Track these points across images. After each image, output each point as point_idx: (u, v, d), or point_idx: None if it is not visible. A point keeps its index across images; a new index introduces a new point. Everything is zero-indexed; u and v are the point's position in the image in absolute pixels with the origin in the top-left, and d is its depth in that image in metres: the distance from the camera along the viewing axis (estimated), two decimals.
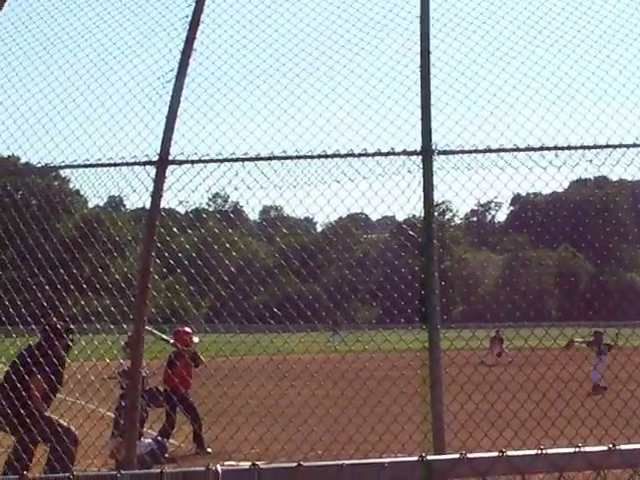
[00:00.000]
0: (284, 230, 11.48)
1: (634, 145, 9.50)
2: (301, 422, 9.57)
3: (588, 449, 3.62)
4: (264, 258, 13.48)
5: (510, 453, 3.51)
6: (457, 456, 3.45)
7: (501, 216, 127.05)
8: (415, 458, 3.40)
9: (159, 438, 13.18)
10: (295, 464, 3.30)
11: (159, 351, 10.41)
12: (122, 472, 3.11)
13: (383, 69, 9.84)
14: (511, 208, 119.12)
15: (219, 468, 3.23)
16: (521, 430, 9.19)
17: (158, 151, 9.48)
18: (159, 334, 12.29)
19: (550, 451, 3.58)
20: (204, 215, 12.75)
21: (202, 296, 11.18)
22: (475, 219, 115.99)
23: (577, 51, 9.91)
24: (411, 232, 10.18)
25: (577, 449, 3.57)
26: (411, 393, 9.32)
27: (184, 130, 9.66)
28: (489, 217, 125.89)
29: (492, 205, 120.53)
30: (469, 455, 3.45)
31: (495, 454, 3.49)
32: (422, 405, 8.82)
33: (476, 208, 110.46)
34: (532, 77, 9.76)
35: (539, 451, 3.54)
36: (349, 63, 9.95)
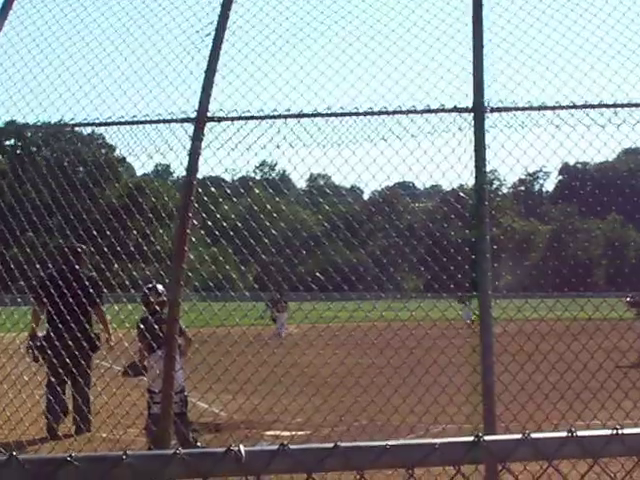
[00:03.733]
0: (331, 199, 11.05)
1: None
2: (345, 392, 9.21)
3: None
4: (312, 227, 13.16)
5: (581, 433, 3.00)
6: (519, 437, 2.95)
7: (549, 186, 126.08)
8: (470, 438, 2.91)
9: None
10: (331, 445, 2.80)
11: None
12: (128, 453, 2.65)
13: (433, 22, 9.35)
14: (559, 177, 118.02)
15: (242, 449, 2.76)
16: (576, 402, 8.76)
17: (196, 108, 9.06)
18: None
19: (628, 431, 3.07)
20: (251, 183, 12.40)
21: (247, 266, 10.91)
22: (523, 188, 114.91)
23: (638, 2, 9.39)
24: (457, 203, 9.75)
25: None
26: (460, 363, 8.91)
27: (224, 86, 9.24)
28: (537, 187, 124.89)
29: (540, 174, 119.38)
30: (533, 435, 2.95)
31: (563, 434, 2.99)
32: (472, 375, 8.42)
33: (524, 177, 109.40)
34: (591, 30, 9.22)
35: (614, 431, 3.02)
36: (397, 16, 9.47)
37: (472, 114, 8.83)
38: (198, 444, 11.64)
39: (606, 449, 3.04)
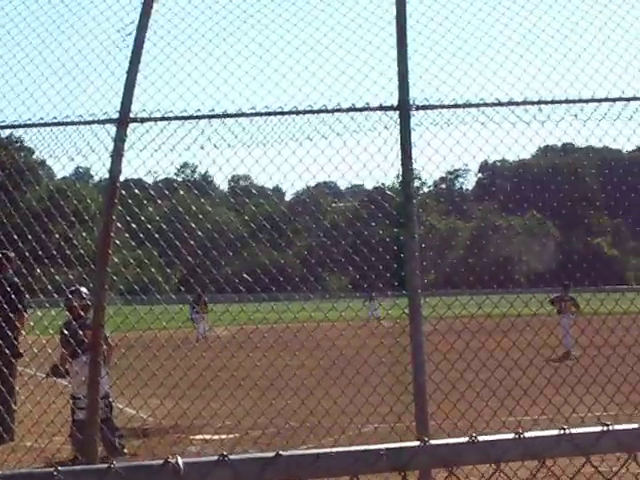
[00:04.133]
0: (256, 199, 10.95)
1: (620, 99, 9.06)
2: (275, 394, 9.10)
3: (618, 427, 3.07)
4: (237, 228, 13.05)
5: (528, 435, 2.94)
6: (465, 440, 2.88)
7: (470, 184, 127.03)
8: (416, 443, 2.83)
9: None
10: (273, 454, 2.70)
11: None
12: (60, 469, 2.52)
13: (357, 20, 9.28)
14: (479, 175, 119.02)
15: (180, 461, 2.65)
16: (507, 399, 8.77)
17: (118, 109, 8.88)
18: None
19: (576, 431, 3.02)
20: (175, 185, 12.25)
21: (173, 269, 10.77)
22: (444, 186, 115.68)
23: (560, 1, 9.44)
24: (383, 201, 9.70)
25: (605, 428, 3.02)
26: (391, 362, 8.87)
27: (146, 86, 9.07)
28: (458, 185, 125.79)
29: (461, 172, 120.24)
30: (480, 438, 2.87)
31: (510, 436, 2.92)
32: (403, 375, 8.38)
33: (444, 176, 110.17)
34: (513, 28, 9.25)
35: (561, 431, 2.97)
36: (321, 14, 9.39)
37: (398, 112, 8.79)
38: (125, 451, 11.46)
39: (556, 449, 2.99)
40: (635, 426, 3.10)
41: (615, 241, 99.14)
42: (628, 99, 8.99)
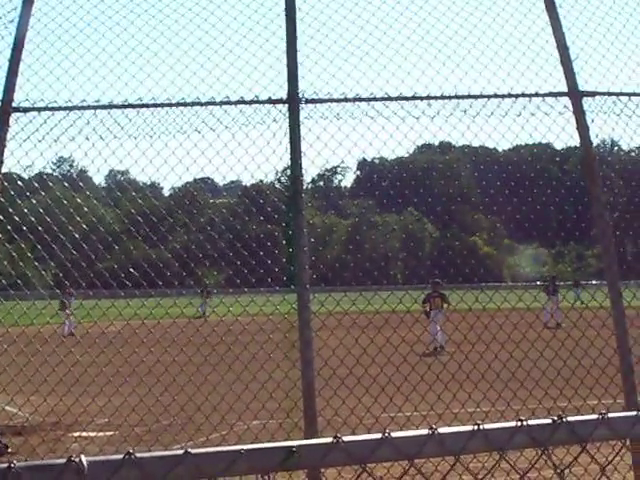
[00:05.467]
0: (134, 194, 10.74)
1: (509, 95, 9.16)
2: (161, 390, 8.94)
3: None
4: (111, 223, 12.81)
5: (395, 434, 2.90)
6: (329, 441, 2.80)
7: (347, 181, 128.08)
8: (282, 444, 2.74)
9: None
10: (182, 452, 2.59)
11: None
12: None
13: (246, 11, 9.18)
14: (357, 172, 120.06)
15: (84, 460, 2.51)
16: (397, 395, 8.78)
17: (0, 97, 8.60)
18: None
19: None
20: (49, 182, 11.92)
21: (45, 264, 10.48)
22: (322, 183, 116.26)
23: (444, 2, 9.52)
24: (273, 196, 9.63)
25: (476, 427, 3.00)
26: (279, 358, 8.79)
27: (29, 75, 8.80)
28: (336, 181, 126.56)
29: (338, 170, 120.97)
30: (345, 438, 2.80)
31: (377, 436, 2.87)
32: (292, 371, 8.32)
33: (323, 173, 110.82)
34: (404, 23, 9.28)
35: (430, 431, 2.94)
36: (209, 5, 9.26)
37: (287, 105, 8.72)
38: (9, 450, 11.18)
39: (468, 445, 2.97)
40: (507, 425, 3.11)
41: (490, 238, 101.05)
42: (516, 95, 9.10)
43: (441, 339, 26.16)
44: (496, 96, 9.08)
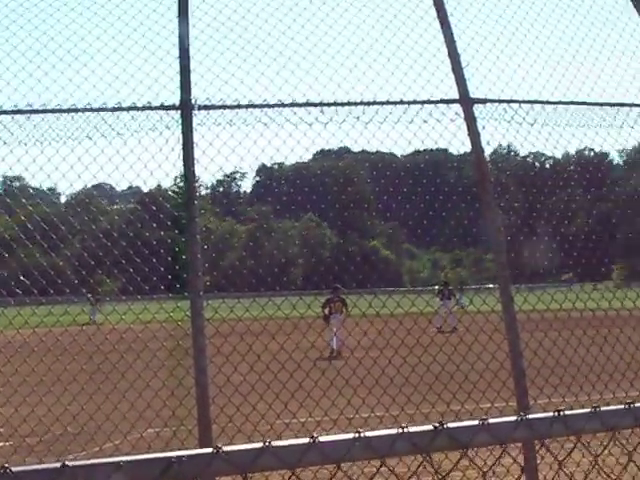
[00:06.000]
0: (29, 201, 10.57)
1: (401, 102, 9.26)
2: (53, 400, 8.80)
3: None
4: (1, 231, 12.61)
5: (276, 444, 2.92)
6: (209, 451, 2.80)
7: (246, 186, 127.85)
8: (161, 455, 2.73)
9: None
10: (59, 464, 2.55)
11: None
12: None
13: (138, 17, 9.08)
14: (257, 179, 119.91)
15: None
16: (292, 402, 8.79)
17: None
18: None
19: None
20: None
21: None
22: (221, 189, 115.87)
23: (342, 4, 9.56)
24: (166, 202, 9.58)
25: (357, 434, 3.03)
26: (173, 365, 8.73)
27: None
28: (235, 188, 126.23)
29: (237, 176, 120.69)
30: (225, 448, 2.81)
31: (259, 445, 2.88)
32: (185, 378, 8.27)
33: (222, 178, 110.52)
34: (296, 30, 9.29)
35: (310, 440, 2.96)
36: (100, 9, 9.14)
37: (180, 112, 8.68)
38: None
39: (350, 453, 2.98)
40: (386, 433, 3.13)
41: (390, 243, 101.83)
42: (408, 102, 9.19)
43: (336, 343, 26.49)
44: (388, 103, 9.17)
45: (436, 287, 40.97)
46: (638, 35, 10.72)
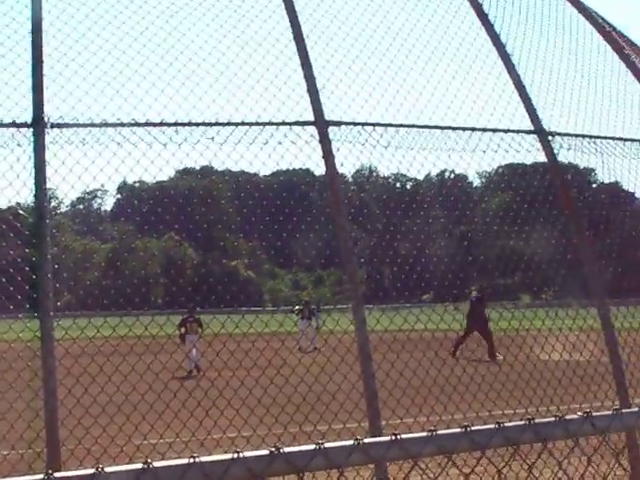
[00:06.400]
0: None
1: (256, 123, 9.30)
2: None
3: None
4: None
5: (287, 450, 2.94)
6: (40, 477, 2.77)
7: (108, 204, 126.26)
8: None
9: None
10: None
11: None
12: None
13: None
14: (118, 196, 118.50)
15: None
16: (142, 423, 8.72)
17: None
18: None
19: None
20: None
21: None
22: (82, 207, 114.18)
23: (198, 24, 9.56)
24: (15, 221, 9.40)
25: (235, 455, 3.06)
26: (22, 387, 8.56)
27: None
28: (96, 205, 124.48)
29: (99, 193, 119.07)
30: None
31: (90, 471, 2.87)
32: (34, 400, 8.12)
33: (83, 196, 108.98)
34: (152, 49, 9.24)
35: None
36: None
37: (32, 129, 8.54)
38: None
39: (229, 472, 2.99)
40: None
41: (251, 264, 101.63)
42: (263, 124, 9.25)
43: (191, 363, 26.62)
44: (243, 124, 9.20)
45: (297, 307, 41.09)
46: (490, 61, 11.03)
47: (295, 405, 9.48)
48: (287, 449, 3.21)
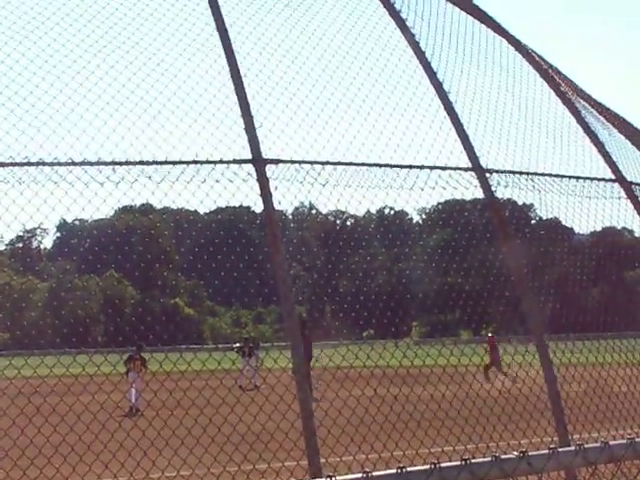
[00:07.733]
0: None
1: (194, 162, 9.27)
2: None
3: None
4: None
5: None
6: None
7: (48, 243, 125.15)
8: None
9: None
10: None
11: None
12: None
13: None
14: (57, 235, 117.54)
15: None
16: (96, 464, 8.63)
17: None
18: None
19: None
20: None
21: None
22: (21, 245, 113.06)
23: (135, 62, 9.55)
24: None
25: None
26: None
27: None
28: (35, 243, 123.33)
29: (38, 232, 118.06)
30: None
31: None
32: None
33: (22, 234, 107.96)
34: (88, 87, 9.21)
35: None
36: None
37: None
38: None
39: None
40: None
41: (191, 301, 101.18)
42: (200, 162, 9.24)
43: (135, 401, 26.59)
44: (180, 162, 9.15)
45: (236, 344, 40.94)
46: (428, 98, 11.15)
47: (234, 444, 9.42)
48: None
